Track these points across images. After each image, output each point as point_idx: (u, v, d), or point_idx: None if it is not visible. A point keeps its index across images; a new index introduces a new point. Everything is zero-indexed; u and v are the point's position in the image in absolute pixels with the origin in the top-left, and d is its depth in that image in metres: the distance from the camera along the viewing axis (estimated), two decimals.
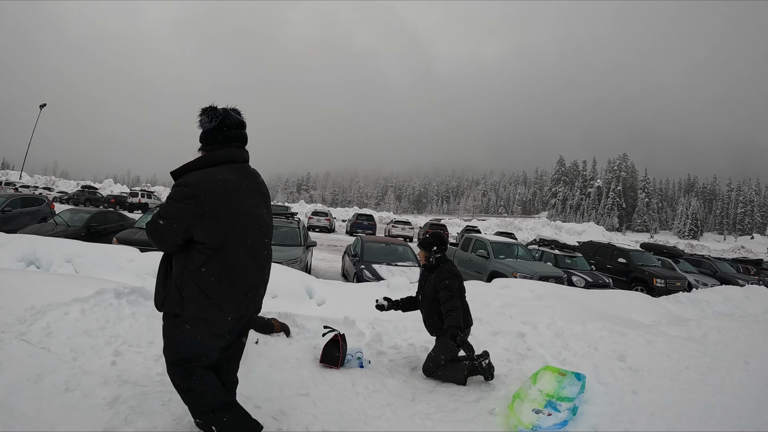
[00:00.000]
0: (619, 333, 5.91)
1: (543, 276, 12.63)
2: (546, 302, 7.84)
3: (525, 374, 4.74)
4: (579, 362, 5.03)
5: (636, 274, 16.99)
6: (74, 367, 3.87)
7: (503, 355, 5.31)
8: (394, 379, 4.81)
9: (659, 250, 22.15)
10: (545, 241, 18.23)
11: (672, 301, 11.47)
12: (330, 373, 4.72)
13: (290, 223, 13.68)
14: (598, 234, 50.55)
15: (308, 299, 7.74)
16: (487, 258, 14.20)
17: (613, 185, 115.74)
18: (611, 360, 5.09)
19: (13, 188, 40.36)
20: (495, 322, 6.18)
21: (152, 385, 3.86)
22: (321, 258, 19.16)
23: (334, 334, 5.00)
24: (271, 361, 4.75)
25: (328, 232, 38.50)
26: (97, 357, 4.14)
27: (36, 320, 4.31)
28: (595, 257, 18.59)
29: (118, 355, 4.26)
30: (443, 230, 37.62)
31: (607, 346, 5.42)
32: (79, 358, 4.03)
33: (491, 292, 8.67)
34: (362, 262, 12.04)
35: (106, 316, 4.88)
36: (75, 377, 3.70)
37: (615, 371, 4.82)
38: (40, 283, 4.97)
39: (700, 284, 18.21)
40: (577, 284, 13.69)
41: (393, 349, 5.63)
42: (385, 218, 58.52)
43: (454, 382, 4.80)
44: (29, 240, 8.72)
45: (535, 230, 50.99)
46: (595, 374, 4.71)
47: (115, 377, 3.85)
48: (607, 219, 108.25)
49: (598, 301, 8.89)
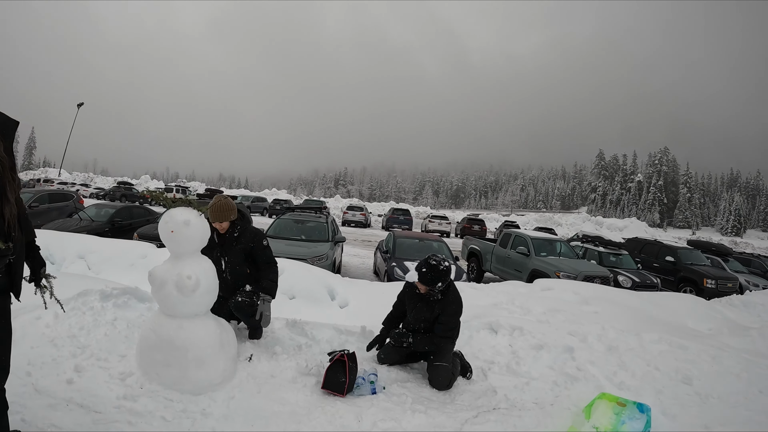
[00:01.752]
0: (680, 346, 5.17)
1: (588, 276, 11.76)
2: (593, 307, 7.09)
3: (576, 403, 3.96)
4: (638, 386, 4.29)
5: (685, 274, 15.91)
6: (25, 383, 3.50)
7: (549, 375, 4.52)
8: (414, 414, 3.82)
9: (707, 247, 20.88)
10: (588, 237, 17.22)
11: (725, 304, 10.51)
12: (332, 403, 3.90)
13: (318, 218, 13.12)
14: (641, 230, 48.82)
15: (329, 301, 7.15)
16: (528, 255, 13.32)
17: (654, 179, 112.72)
18: (675, 383, 4.37)
19: (51, 184, 41.15)
20: (538, 333, 5.34)
21: (107, 412, 3.37)
22: (353, 254, 18.56)
23: (341, 354, 4.23)
24: (261, 384, 4.07)
25: (364, 227, 37.93)
26: (55, 372, 3.77)
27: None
28: (641, 255, 17.55)
29: (79, 371, 3.83)
30: (481, 225, 36.87)
31: (668, 365, 4.69)
32: (34, 373, 3.69)
33: (532, 294, 7.94)
34: (393, 259, 11.43)
35: (81, 323, 4.49)
36: (21, 397, 3.28)
37: (681, 398, 4.11)
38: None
39: (751, 285, 17.12)
40: (623, 284, 12.80)
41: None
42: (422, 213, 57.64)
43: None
44: (45, 235, 8.42)
45: (575, 226, 49.61)
46: (658, 403, 3.99)
47: (67, 399, 3.41)
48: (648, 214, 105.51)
49: (649, 305, 8.06)
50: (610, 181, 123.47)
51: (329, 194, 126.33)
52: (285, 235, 11.79)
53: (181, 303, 3.84)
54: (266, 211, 41.21)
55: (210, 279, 4.02)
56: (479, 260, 15.72)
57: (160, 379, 3.83)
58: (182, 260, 3.94)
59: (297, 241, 11.32)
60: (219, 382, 3.94)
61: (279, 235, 11.76)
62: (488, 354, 5.00)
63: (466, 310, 6.49)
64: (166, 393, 3.73)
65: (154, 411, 3.50)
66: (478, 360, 4.88)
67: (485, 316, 6.05)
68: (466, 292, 7.87)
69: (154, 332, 3.91)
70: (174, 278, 3.80)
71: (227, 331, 4.26)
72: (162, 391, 3.74)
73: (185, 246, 3.96)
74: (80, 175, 67.42)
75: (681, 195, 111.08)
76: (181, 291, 3.78)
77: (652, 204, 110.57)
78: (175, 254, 4.00)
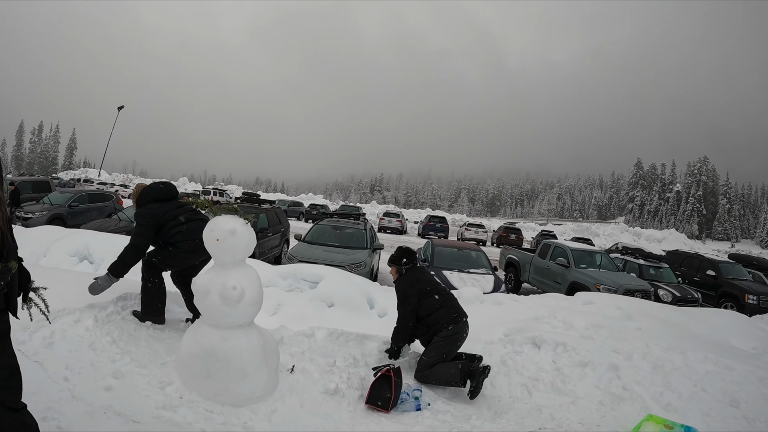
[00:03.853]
0: (726, 367, 5.07)
1: (629, 289, 11.53)
2: (637, 323, 6.95)
3: (623, 425, 3.92)
4: (685, 407, 4.22)
5: (726, 289, 15.50)
6: (62, 389, 3.37)
7: (594, 395, 4.47)
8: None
9: (749, 261, 20.33)
10: (629, 249, 16.92)
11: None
12: (376, 419, 3.83)
13: (356, 225, 13.16)
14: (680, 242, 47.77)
15: (368, 310, 7.13)
16: (568, 267, 13.13)
17: (693, 190, 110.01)
18: (723, 405, 4.29)
19: (91, 185, 42.20)
20: (582, 350, 5.29)
21: (146, 422, 3.28)
22: None
23: (387, 369, 4.14)
24: (304, 399, 3.96)
25: (400, 234, 37.72)
26: (93, 378, 3.62)
27: (40, 327, 3.82)
28: (681, 268, 17.20)
29: (118, 377, 3.71)
30: (518, 234, 36.50)
31: (715, 386, 4.60)
32: (72, 378, 3.54)
33: (574, 308, 7.83)
34: (432, 268, 11.40)
35: (122, 327, 4.38)
36: (57, 403, 3.18)
37: (729, 422, 4.04)
38: (61, 284, 4.36)
39: None
40: (664, 299, 12.53)
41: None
42: (457, 220, 57.45)
43: (447, 382, 4.43)
44: (85, 235, 8.67)
45: (612, 236, 48.78)
46: (705, 425, 3.93)
47: (105, 407, 3.30)
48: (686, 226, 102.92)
49: (692, 321, 7.87)
50: (648, 190, 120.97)
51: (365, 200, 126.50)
52: (323, 241, 11.88)
53: (225, 314, 3.76)
54: (302, 215, 41.23)
55: (255, 289, 3.91)
56: (517, 270, 15.58)
57: (201, 389, 3.75)
58: (227, 270, 3.85)
59: (335, 248, 11.40)
60: (261, 394, 3.84)
61: (317, 241, 11.88)
62: (532, 370, 4.96)
63: (508, 324, 6.49)
64: (207, 404, 3.66)
65: (193, 422, 3.42)
66: (522, 376, 4.84)
67: (527, 330, 6.02)
68: (506, 304, 7.87)
69: (197, 342, 3.84)
70: (218, 288, 3.72)
71: (270, 341, 4.18)
72: (202, 402, 3.67)
73: (230, 255, 3.89)
74: (119, 176, 69.12)
75: (720, 206, 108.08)
76: (226, 301, 3.70)
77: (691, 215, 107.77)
78: (220, 263, 3.93)
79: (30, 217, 15.50)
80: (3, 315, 2.29)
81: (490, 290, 10.13)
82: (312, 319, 6.46)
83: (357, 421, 3.78)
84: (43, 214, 15.72)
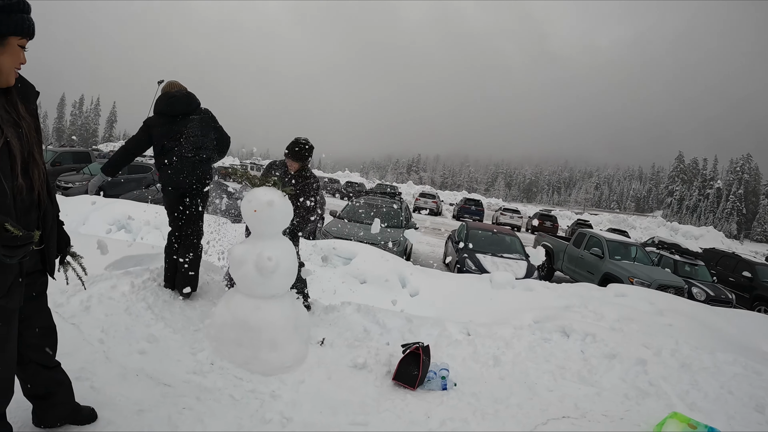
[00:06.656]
0: (755, 371, 4.97)
1: (662, 285, 11.39)
2: (668, 320, 6.86)
3: (646, 420, 3.88)
4: (710, 408, 4.17)
5: (760, 292, 15.16)
6: (96, 350, 3.48)
7: (620, 388, 4.42)
8: (483, 417, 3.68)
9: None
10: (665, 243, 16.64)
11: None
12: (402, 396, 3.81)
13: (392, 203, 13.17)
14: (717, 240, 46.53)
15: (400, 288, 7.19)
16: (602, 258, 13.01)
17: (734, 188, 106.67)
18: (748, 410, 4.22)
19: None
20: (611, 341, 5.22)
21: (176, 386, 3.35)
22: (424, 242, 18.51)
23: (416, 346, 4.12)
24: (331, 372, 3.99)
25: (434, 215, 37.70)
26: (127, 341, 3.73)
27: (78, 291, 3.97)
28: (716, 267, 16.84)
29: (152, 341, 3.83)
30: (553, 222, 36.15)
31: (742, 390, 4.52)
32: (107, 341, 3.65)
33: (606, 299, 7.77)
34: (465, 251, 11.43)
35: (157, 294, 4.45)
36: (91, 365, 3.28)
37: (753, 427, 3.98)
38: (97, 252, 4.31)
39: None
40: (697, 297, 12.33)
41: (491, 366, 4.63)
42: (493, 204, 56.95)
43: None
44: (124, 205, 8.89)
45: (649, 230, 47.64)
46: (729, 428, 3.88)
47: (137, 370, 3.40)
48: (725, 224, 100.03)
49: (724, 322, 7.71)
50: (689, 185, 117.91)
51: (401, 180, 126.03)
52: (358, 218, 11.89)
53: (260, 284, 3.80)
54: (339, 193, 41.23)
55: (290, 261, 3.94)
56: (551, 258, 15.46)
57: (232, 357, 3.82)
58: (263, 240, 3.88)
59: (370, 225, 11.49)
60: (290, 365, 3.88)
61: (352, 217, 11.92)
62: (560, 358, 4.93)
63: (539, 311, 6.48)
64: (236, 371, 3.71)
65: (222, 388, 3.46)
66: (549, 364, 4.82)
67: (558, 318, 6.01)
68: (537, 290, 7.85)
69: (229, 310, 3.91)
70: (254, 258, 3.75)
71: (302, 313, 4.23)
72: (232, 369, 3.73)
73: (267, 226, 3.91)
74: None
75: (761, 206, 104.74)
76: (261, 272, 3.72)
77: (731, 213, 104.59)
78: (257, 234, 3.96)
79: (70, 187, 15.80)
80: (41, 276, 2.34)
81: (522, 276, 10.10)
82: (343, 294, 6.55)
83: (383, 396, 3.79)
84: (83, 184, 15.88)
